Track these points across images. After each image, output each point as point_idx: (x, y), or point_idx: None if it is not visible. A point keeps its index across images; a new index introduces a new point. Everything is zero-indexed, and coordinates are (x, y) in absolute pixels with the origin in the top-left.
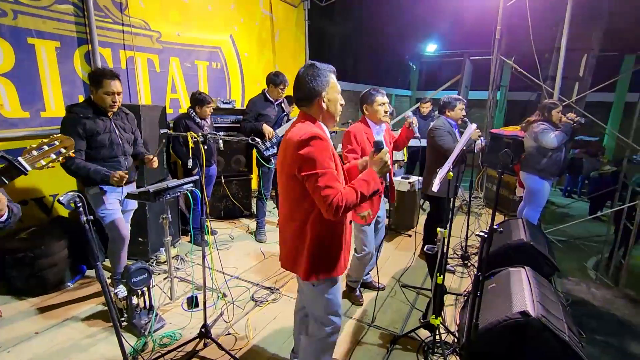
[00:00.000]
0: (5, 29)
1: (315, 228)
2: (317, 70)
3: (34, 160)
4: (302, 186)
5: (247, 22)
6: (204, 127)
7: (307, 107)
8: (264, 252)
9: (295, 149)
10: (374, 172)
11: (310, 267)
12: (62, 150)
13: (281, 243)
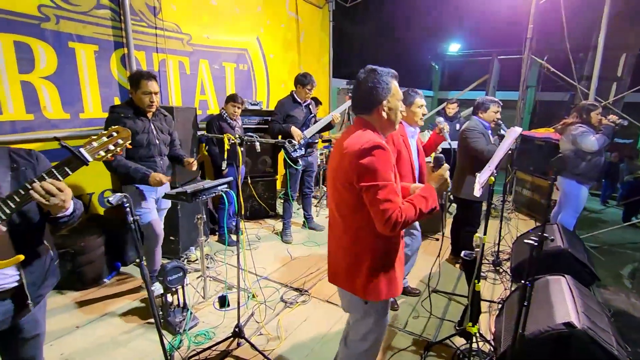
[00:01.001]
0: (49, 34)
1: (370, 241)
2: (378, 76)
3: (94, 151)
4: (357, 196)
5: (273, 24)
6: (235, 128)
7: (366, 115)
8: (291, 253)
9: (355, 158)
10: (432, 188)
11: (368, 285)
12: (120, 141)
13: (331, 256)
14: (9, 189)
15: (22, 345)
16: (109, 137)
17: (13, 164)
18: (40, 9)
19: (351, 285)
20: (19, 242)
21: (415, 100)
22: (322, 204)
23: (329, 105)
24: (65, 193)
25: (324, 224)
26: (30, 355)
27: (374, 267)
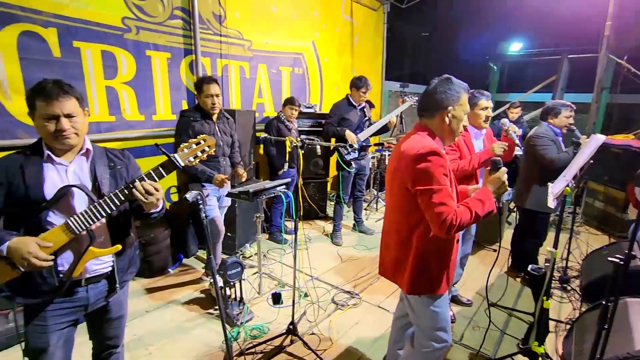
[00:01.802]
0: (130, 43)
1: (421, 242)
2: (450, 84)
3: (185, 157)
4: (412, 199)
5: (328, 28)
6: (291, 130)
7: (429, 119)
8: (341, 255)
9: (411, 162)
10: (489, 191)
11: (412, 282)
12: (206, 148)
13: (382, 250)
14: (109, 186)
15: (108, 325)
16: (197, 144)
17: (110, 163)
18: (123, 21)
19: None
20: (113, 233)
21: (480, 101)
22: (372, 208)
23: (380, 107)
24: (160, 193)
25: (374, 227)
26: (114, 335)
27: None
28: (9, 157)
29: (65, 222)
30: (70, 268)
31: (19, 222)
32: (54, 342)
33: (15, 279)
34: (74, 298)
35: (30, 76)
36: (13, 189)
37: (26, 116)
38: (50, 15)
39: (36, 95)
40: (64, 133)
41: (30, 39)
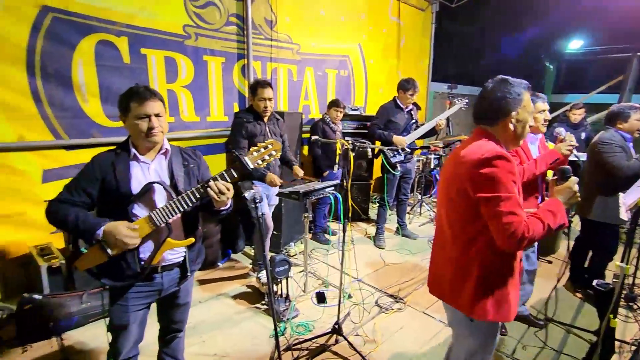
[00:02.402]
0: (190, 49)
1: (484, 257)
2: (509, 86)
3: (254, 160)
4: (473, 207)
5: (375, 30)
6: (336, 132)
7: (490, 126)
8: (384, 258)
9: (473, 167)
10: (560, 202)
11: (474, 302)
12: (273, 152)
13: (434, 264)
14: (183, 183)
15: (175, 310)
16: (265, 148)
17: (185, 161)
18: (184, 29)
19: (455, 299)
20: (186, 227)
21: (537, 104)
22: (416, 212)
23: (425, 109)
24: (231, 192)
25: (418, 231)
26: (180, 319)
27: (483, 284)
28: (102, 155)
29: (149, 215)
30: (151, 256)
31: (109, 212)
32: (132, 321)
33: (104, 264)
34: (151, 283)
35: (104, 81)
36: (106, 183)
37: (100, 117)
38: (123, 25)
39: (131, 98)
40: (154, 130)
41: (105, 47)
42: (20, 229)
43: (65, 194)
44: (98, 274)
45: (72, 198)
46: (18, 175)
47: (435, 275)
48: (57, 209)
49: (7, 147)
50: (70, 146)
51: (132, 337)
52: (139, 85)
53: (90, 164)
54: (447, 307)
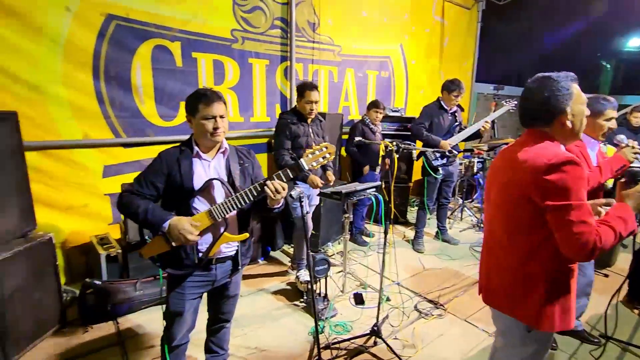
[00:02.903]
0: (236, 52)
1: (549, 267)
2: (555, 82)
3: (310, 162)
4: (536, 215)
5: (417, 30)
6: (376, 133)
7: (545, 126)
8: (423, 262)
9: (540, 173)
10: (629, 208)
11: (539, 312)
12: (327, 155)
13: (486, 273)
14: (239, 180)
15: (225, 302)
16: (320, 151)
17: (240, 160)
18: (232, 33)
19: (515, 309)
20: (240, 222)
21: (606, 111)
22: (456, 217)
23: (469, 111)
24: (285, 192)
25: (459, 237)
26: (228, 310)
27: (548, 294)
28: (168, 151)
29: (209, 209)
30: (208, 248)
31: (172, 205)
32: (187, 309)
33: (166, 254)
34: (207, 274)
35: (158, 83)
36: (171, 177)
37: (154, 117)
38: (177, 31)
39: (199, 99)
40: (218, 130)
41: (160, 52)
42: (82, 219)
43: (137, 186)
44: (160, 262)
45: (142, 190)
46: (82, 170)
47: (489, 285)
48: (129, 200)
49: (74, 144)
50: (127, 144)
51: (186, 324)
52: (205, 88)
53: (158, 159)
54: (497, 316)
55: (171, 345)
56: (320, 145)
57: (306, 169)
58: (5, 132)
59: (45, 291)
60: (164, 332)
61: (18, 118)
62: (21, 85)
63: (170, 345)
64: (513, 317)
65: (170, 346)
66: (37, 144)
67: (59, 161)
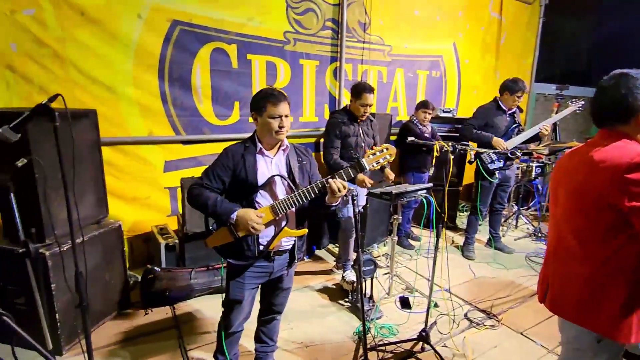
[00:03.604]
0: (288, 54)
1: (624, 272)
2: (633, 79)
3: (371, 162)
4: (615, 219)
5: (472, 28)
6: (424, 134)
7: (622, 126)
8: (474, 270)
9: (622, 173)
10: None
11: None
12: (388, 156)
13: (554, 281)
14: (299, 178)
15: (278, 294)
16: (381, 152)
17: (299, 158)
18: (285, 35)
19: (587, 318)
20: (298, 218)
21: None
22: (511, 224)
23: (526, 113)
24: (346, 190)
25: (513, 246)
26: (280, 302)
27: (627, 303)
28: (233, 147)
29: (272, 204)
30: (269, 241)
31: (237, 198)
32: (246, 297)
33: (228, 244)
34: (266, 265)
35: (215, 84)
36: (237, 172)
37: (210, 116)
38: (234, 34)
39: (267, 99)
40: (283, 129)
41: (218, 54)
42: (144, 210)
43: (206, 180)
44: (223, 253)
45: (210, 184)
46: (146, 165)
47: (555, 293)
48: (199, 192)
49: (140, 140)
50: (186, 141)
51: (243, 312)
52: (272, 88)
53: (225, 154)
54: (568, 326)
55: (228, 332)
56: (382, 146)
57: (367, 169)
58: (87, 127)
59: (113, 273)
60: (222, 319)
61: (97, 115)
62: (98, 86)
63: (227, 331)
64: (584, 326)
65: (227, 332)
66: (110, 140)
67: (127, 156)
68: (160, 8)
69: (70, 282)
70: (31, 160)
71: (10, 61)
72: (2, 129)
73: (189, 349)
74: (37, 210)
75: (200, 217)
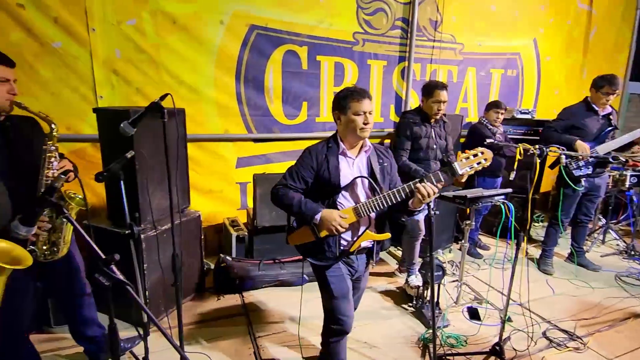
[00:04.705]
0: (356, 55)
1: None
2: None
3: (464, 166)
4: None
5: (556, 22)
6: (496, 135)
7: None
8: (552, 286)
9: None
10: None
11: None
12: (483, 161)
13: None
14: (380, 179)
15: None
16: (475, 156)
17: (380, 159)
18: (354, 36)
19: None
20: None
21: None
22: (596, 239)
23: (619, 115)
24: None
25: (599, 262)
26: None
27: None
28: (316, 148)
29: (355, 206)
30: (350, 243)
31: (319, 199)
32: (349, 289)
33: (309, 243)
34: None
35: (286, 85)
36: (320, 173)
37: (280, 116)
38: (305, 37)
39: (351, 96)
40: (367, 126)
41: (290, 56)
42: (218, 203)
43: (290, 180)
44: (303, 251)
45: (295, 184)
46: (221, 161)
47: None
48: (284, 192)
49: (217, 137)
50: (257, 139)
51: (350, 304)
52: (354, 86)
53: (308, 155)
54: None
55: (340, 334)
56: (475, 150)
57: (459, 174)
58: (178, 124)
59: (192, 259)
60: (329, 322)
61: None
62: (185, 87)
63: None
64: None
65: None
66: (192, 137)
67: (205, 152)
68: (240, 14)
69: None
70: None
71: (115, 66)
72: (122, 124)
73: (258, 336)
74: (136, 198)
75: (270, 212)
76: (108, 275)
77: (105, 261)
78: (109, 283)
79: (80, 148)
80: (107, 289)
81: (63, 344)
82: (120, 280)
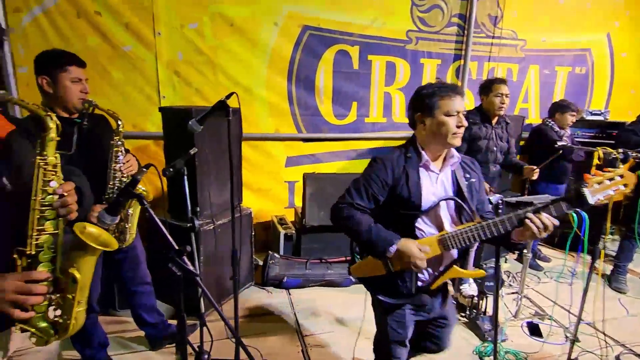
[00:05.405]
0: (409, 53)
1: None
2: None
3: (596, 193)
4: None
5: (634, 15)
6: (562, 137)
7: None
8: (626, 306)
9: None
10: None
11: None
12: (622, 187)
13: None
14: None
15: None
16: (611, 180)
17: (466, 174)
18: (407, 34)
19: None
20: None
21: None
22: None
23: None
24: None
25: None
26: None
27: None
28: (392, 158)
29: (443, 237)
30: (431, 280)
31: (391, 223)
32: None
33: (379, 277)
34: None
35: (336, 84)
36: (397, 189)
37: (329, 116)
38: (357, 36)
39: (439, 93)
40: (461, 129)
41: (341, 56)
42: (267, 201)
43: (358, 199)
44: (371, 285)
45: (362, 204)
46: (271, 159)
47: None
48: (350, 214)
49: (268, 136)
50: (306, 139)
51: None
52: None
53: (381, 166)
54: None
55: None
56: (613, 172)
57: (590, 204)
58: (235, 123)
59: (243, 255)
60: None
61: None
62: (240, 88)
63: None
64: None
65: None
66: (246, 135)
67: (257, 150)
68: (293, 15)
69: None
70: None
71: (177, 67)
72: (190, 122)
73: (305, 334)
74: (195, 193)
75: (319, 211)
76: (180, 265)
77: (178, 252)
78: (181, 273)
79: (144, 145)
80: (179, 279)
81: (127, 327)
82: (191, 270)
